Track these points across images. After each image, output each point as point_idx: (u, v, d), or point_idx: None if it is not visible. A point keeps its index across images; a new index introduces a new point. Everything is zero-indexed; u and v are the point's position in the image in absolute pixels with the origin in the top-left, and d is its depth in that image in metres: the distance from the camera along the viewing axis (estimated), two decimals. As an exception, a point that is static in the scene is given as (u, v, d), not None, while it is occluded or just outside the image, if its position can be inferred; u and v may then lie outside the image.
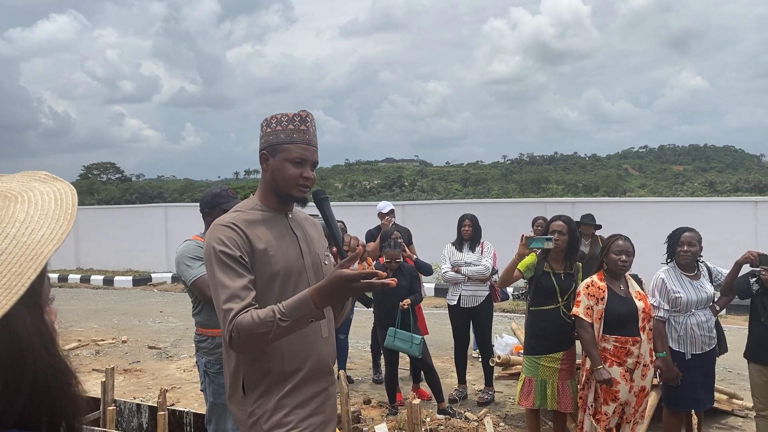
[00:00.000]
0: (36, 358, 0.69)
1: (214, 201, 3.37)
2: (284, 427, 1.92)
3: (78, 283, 15.74)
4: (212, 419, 3.39)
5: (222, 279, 1.84)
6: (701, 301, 4.09)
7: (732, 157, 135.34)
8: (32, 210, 0.72)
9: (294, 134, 1.98)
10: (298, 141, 1.98)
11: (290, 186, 1.99)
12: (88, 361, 7.55)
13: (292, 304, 1.75)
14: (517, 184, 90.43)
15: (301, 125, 1.99)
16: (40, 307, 0.72)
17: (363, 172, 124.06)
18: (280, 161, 1.98)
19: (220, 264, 1.86)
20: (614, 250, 3.96)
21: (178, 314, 10.62)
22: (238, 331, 1.76)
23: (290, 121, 1.99)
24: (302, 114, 2.01)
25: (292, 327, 1.76)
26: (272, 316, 1.74)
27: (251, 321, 1.75)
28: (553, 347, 4.26)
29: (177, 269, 3.40)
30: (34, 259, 0.67)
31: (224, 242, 1.88)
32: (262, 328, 1.74)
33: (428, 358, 5.38)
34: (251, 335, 1.76)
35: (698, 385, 4.11)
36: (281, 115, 2.00)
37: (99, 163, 76.25)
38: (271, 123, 2.00)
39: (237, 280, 1.84)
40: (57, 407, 0.72)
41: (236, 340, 1.78)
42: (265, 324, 1.74)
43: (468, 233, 5.83)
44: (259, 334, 1.75)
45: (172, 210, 17.70)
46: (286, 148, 1.97)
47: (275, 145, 1.98)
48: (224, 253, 1.86)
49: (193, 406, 5.43)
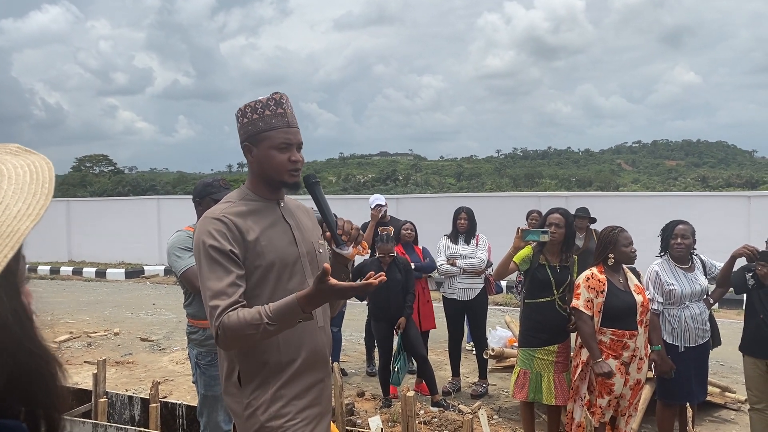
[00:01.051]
0: (13, 341, 0.64)
1: (205, 191, 3.33)
2: (282, 418, 1.89)
3: (70, 275, 15.67)
4: (204, 411, 3.37)
5: (210, 275, 1.81)
6: (695, 293, 4.08)
7: (724, 153, 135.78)
8: (5, 184, 0.66)
9: (272, 120, 1.92)
10: (278, 126, 1.92)
11: (281, 173, 1.94)
12: (79, 353, 7.51)
13: (279, 309, 1.73)
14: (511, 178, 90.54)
15: (277, 109, 1.93)
16: (17, 288, 0.67)
17: (357, 165, 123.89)
18: (264, 150, 1.93)
19: (208, 258, 1.83)
20: (623, 242, 3.94)
21: (171, 307, 10.57)
22: (224, 330, 1.75)
23: (265, 106, 1.93)
24: (276, 97, 1.95)
25: (279, 329, 1.76)
26: (259, 320, 1.72)
27: (237, 322, 1.73)
28: (548, 340, 4.25)
29: (168, 260, 3.38)
30: (10, 236, 0.62)
31: (214, 236, 1.84)
32: (248, 330, 1.73)
33: (422, 350, 5.37)
34: (237, 336, 1.74)
35: (691, 378, 4.11)
36: (255, 102, 1.95)
37: (92, 155, 75.72)
38: (246, 112, 1.95)
39: (225, 277, 1.81)
40: (36, 396, 0.67)
41: (222, 338, 1.77)
42: (251, 326, 1.72)
43: (464, 226, 5.82)
44: (246, 335, 1.74)
45: (164, 202, 17.62)
46: (268, 136, 1.92)
47: (256, 135, 1.93)
48: (213, 248, 1.83)
49: (186, 398, 5.40)
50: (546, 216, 4.41)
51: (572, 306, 4.00)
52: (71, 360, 7.17)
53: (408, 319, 5.28)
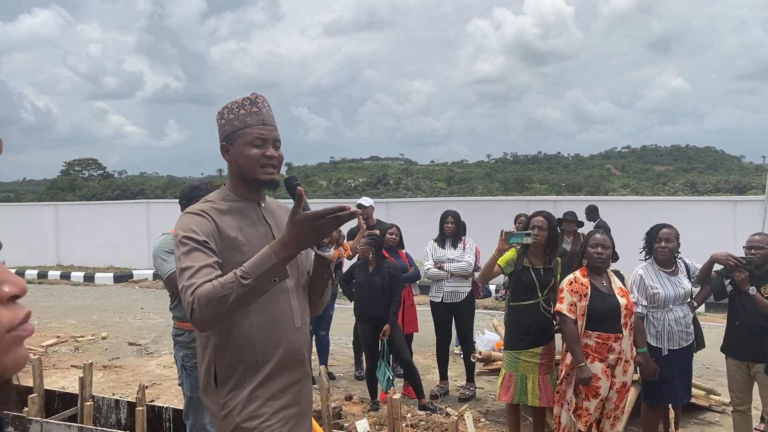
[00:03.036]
0: None
1: (193, 193, 3.34)
2: (257, 419, 1.89)
3: (58, 279, 15.56)
4: (190, 413, 3.37)
5: (186, 259, 1.80)
6: (679, 296, 4.12)
7: (713, 158, 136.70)
8: None
9: (247, 118, 1.94)
10: (252, 123, 1.94)
11: (253, 168, 1.94)
12: (67, 358, 7.46)
13: (254, 261, 1.70)
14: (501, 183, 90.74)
15: (252, 108, 1.95)
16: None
17: (348, 170, 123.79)
18: (239, 147, 1.94)
19: (185, 247, 1.82)
20: (591, 243, 4.00)
21: (159, 311, 10.53)
22: (198, 299, 1.69)
23: (240, 106, 1.96)
24: (251, 97, 1.97)
25: (255, 287, 1.69)
26: (233, 278, 1.68)
27: (211, 287, 1.69)
28: (533, 342, 4.27)
29: (153, 263, 3.38)
30: None
31: (191, 228, 1.85)
32: (222, 291, 1.68)
33: (407, 355, 5.38)
34: (212, 301, 1.68)
35: (675, 380, 4.15)
36: (231, 103, 1.98)
37: (81, 159, 75.29)
38: (224, 114, 1.98)
39: (202, 258, 1.79)
40: None
41: (197, 311, 1.70)
42: (225, 287, 1.68)
43: (450, 230, 5.84)
44: (220, 297, 1.68)
45: (153, 206, 17.56)
46: (243, 133, 1.93)
47: (231, 134, 1.95)
48: (189, 238, 1.83)
49: (173, 402, 5.38)
50: (529, 219, 4.45)
51: (556, 310, 4.03)
52: (58, 364, 7.13)
53: (393, 325, 5.29)
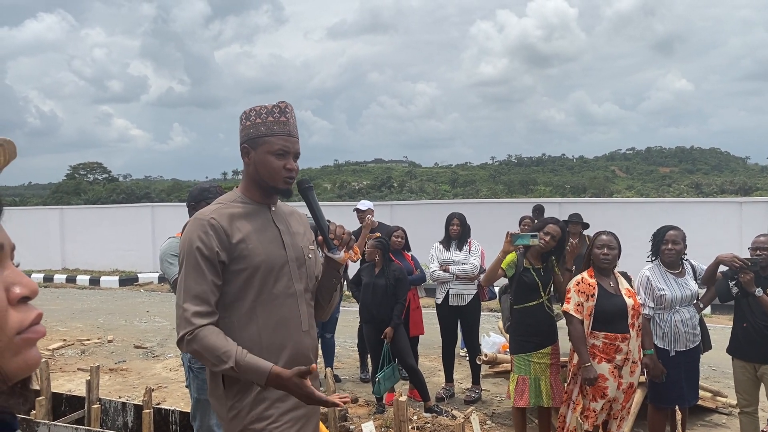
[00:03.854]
0: None
1: (202, 195, 3.35)
2: (265, 420, 1.90)
3: (64, 283, 15.60)
4: (197, 415, 3.38)
5: (190, 273, 1.87)
6: (685, 298, 4.12)
7: (718, 159, 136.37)
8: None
9: (274, 126, 1.96)
10: (278, 133, 1.96)
11: (275, 178, 1.97)
12: (73, 361, 7.49)
13: (250, 365, 1.80)
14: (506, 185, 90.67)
15: (280, 117, 1.98)
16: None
17: (352, 172, 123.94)
18: (262, 154, 1.96)
19: (191, 258, 1.88)
20: (597, 244, 4.00)
21: (165, 314, 10.55)
22: (196, 341, 1.83)
23: (269, 113, 1.97)
24: (281, 105, 1.99)
25: (237, 378, 1.86)
26: (227, 358, 1.80)
27: (211, 344, 1.81)
28: (541, 343, 4.28)
29: (160, 267, 3.39)
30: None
31: (201, 238, 1.88)
32: (213, 358, 1.81)
33: (410, 358, 5.37)
34: (202, 354, 1.83)
35: (682, 381, 4.14)
36: (260, 107, 1.99)
37: (86, 163, 75.45)
38: (251, 116, 1.99)
39: (203, 281, 1.86)
40: None
41: (188, 345, 1.85)
42: (218, 358, 1.80)
43: (456, 232, 5.84)
44: (208, 359, 1.83)
45: (159, 210, 17.58)
46: (267, 141, 1.96)
47: (256, 138, 1.97)
48: (198, 250, 1.87)
49: (179, 404, 5.40)
50: (544, 223, 4.44)
51: (563, 310, 4.04)
52: (65, 367, 7.15)
53: (396, 328, 5.28)
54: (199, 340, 1.80)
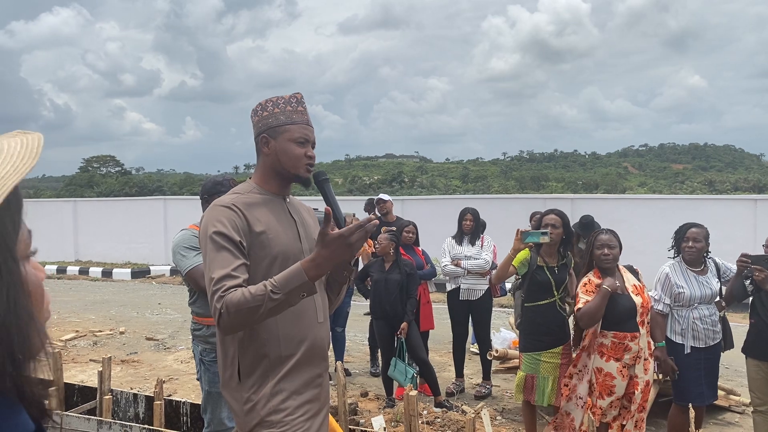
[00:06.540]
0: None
1: (215, 188, 3.35)
2: (281, 412, 1.89)
3: (77, 275, 15.74)
4: (208, 408, 3.39)
5: (215, 258, 1.82)
6: (705, 297, 4.07)
7: (732, 156, 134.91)
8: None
9: (293, 115, 2.00)
10: (298, 121, 2.00)
11: (297, 166, 2.00)
12: (85, 352, 7.55)
13: (284, 276, 1.73)
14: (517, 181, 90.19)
15: (298, 106, 2.03)
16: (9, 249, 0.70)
17: (363, 167, 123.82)
18: (283, 142, 1.98)
19: (215, 244, 1.84)
20: (596, 245, 3.96)
21: (176, 306, 10.61)
22: (227, 307, 1.72)
23: (287, 102, 2.01)
24: (297, 96, 2.04)
25: (284, 301, 1.73)
26: (263, 290, 1.71)
27: (242, 296, 1.72)
28: (552, 342, 4.25)
29: (173, 259, 3.40)
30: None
31: (223, 223, 1.86)
32: (252, 302, 1.70)
33: (422, 353, 5.37)
34: (241, 311, 1.71)
35: (702, 379, 4.10)
36: (276, 98, 2.02)
37: (99, 156, 75.91)
38: (267, 106, 2.01)
39: (232, 261, 1.81)
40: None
41: (225, 317, 1.73)
42: (255, 298, 1.70)
43: (469, 227, 5.83)
44: (250, 309, 1.71)
45: (171, 203, 17.68)
46: (288, 129, 1.98)
47: (276, 127, 1.98)
48: (221, 234, 1.84)
49: (190, 396, 5.43)
50: (542, 217, 4.42)
51: (576, 309, 4.00)
52: (77, 358, 7.22)
53: (409, 324, 5.28)
54: (231, 304, 1.71)
